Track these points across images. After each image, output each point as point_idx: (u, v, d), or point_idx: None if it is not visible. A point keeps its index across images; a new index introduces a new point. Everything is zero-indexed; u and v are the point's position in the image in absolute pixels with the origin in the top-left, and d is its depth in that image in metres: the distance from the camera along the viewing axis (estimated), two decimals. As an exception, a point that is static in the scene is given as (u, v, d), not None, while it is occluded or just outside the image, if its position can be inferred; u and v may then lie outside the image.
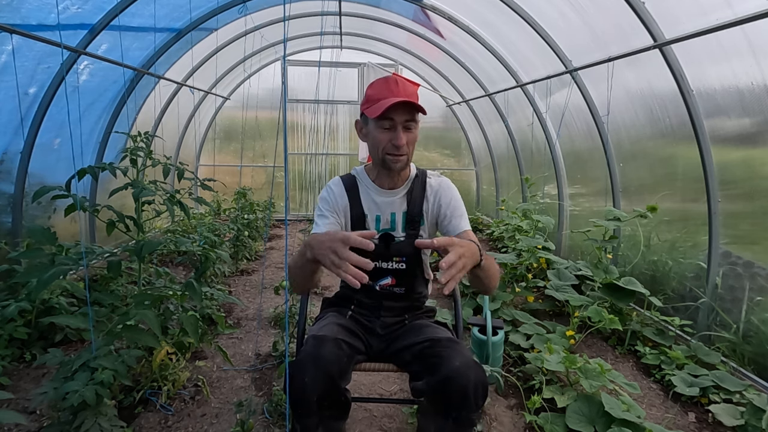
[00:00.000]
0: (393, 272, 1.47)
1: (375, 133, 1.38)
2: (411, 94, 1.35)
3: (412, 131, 1.37)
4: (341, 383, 1.30)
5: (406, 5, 4.66)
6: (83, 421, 1.61)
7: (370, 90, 1.40)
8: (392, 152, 1.36)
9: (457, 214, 1.44)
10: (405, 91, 1.34)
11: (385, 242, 1.44)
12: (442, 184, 1.51)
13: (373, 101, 1.36)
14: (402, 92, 1.33)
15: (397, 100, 1.29)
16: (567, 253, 4.22)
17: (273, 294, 3.50)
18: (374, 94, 1.37)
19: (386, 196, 1.48)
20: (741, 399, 2.11)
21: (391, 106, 1.29)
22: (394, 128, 1.34)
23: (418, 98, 1.36)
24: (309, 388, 1.18)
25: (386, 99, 1.31)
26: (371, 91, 1.39)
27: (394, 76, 1.38)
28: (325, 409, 1.26)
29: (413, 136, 1.38)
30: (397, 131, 1.34)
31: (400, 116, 1.33)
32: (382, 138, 1.36)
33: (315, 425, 1.27)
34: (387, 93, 1.33)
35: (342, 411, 1.43)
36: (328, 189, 1.50)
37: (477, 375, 1.19)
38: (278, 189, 6.70)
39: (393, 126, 1.34)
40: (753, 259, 2.49)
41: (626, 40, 2.90)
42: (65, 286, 2.59)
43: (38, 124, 2.97)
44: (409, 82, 1.60)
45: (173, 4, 3.67)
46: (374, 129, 1.38)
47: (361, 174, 1.53)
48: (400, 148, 1.35)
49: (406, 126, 1.35)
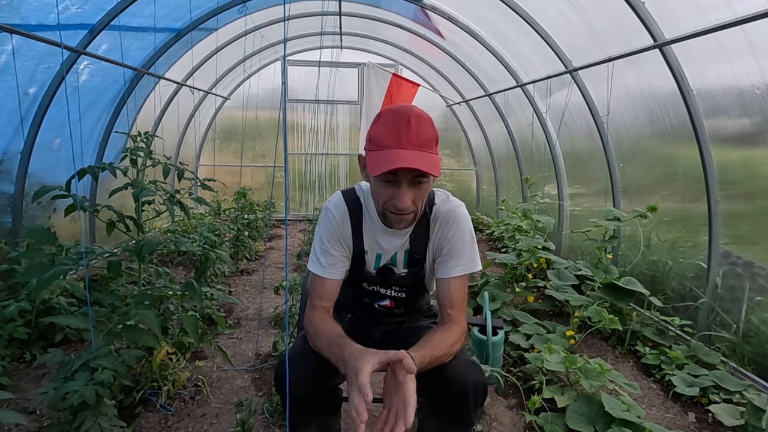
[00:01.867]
0: (392, 298, 1.43)
1: (375, 185, 1.16)
2: (425, 141, 1.08)
3: (422, 187, 1.14)
4: (331, 381, 1.29)
5: (406, 5, 4.66)
6: (83, 421, 1.61)
7: (376, 128, 1.13)
8: (393, 211, 1.16)
9: (455, 254, 1.27)
10: (418, 138, 1.08)
11: (385, 275, 1.37)
12: (449, 216, 1.29)
13: (376, 147, 1.11)
14: (414, 139, 1.07)
15: (401, 165, 1.05)
16: (567, 253, 4.22)
17: (273, 294, 3.50)
18: (379, 138, 1.11)
19: (390, 235, 1.32)
20: (741, 399, 2.11)
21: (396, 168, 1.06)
22: (397, 185, 1.12)
23: (435, 142, 1.12)
24: (297, 386, 1.17)
25: (392, 151, 1.07)
26: (377, 132, 1.12)
27: (407, 112, 1.10)
28: (315, 405, 1.26)
29: (423, 191, 1.14)
30: (401, 190, 1.11)
31: (406, 174, 1.09)
32: (383, 194, 1.15)
33: (306, 422, 1.27)
34: (394, 141, 1.08)
35: (333, 407, 1.42)
36: (329, 216, 1.31)
37: (476, 376, 1.19)
38: (278, 189, 6.70)
39: (397, 183, 1.11)
40: (753, 259, 2.49)
41: (626, 40, 2.90)
42: (65, 286, 2.59)
43: (38, 124, 2.97)
44: (409, 84, 1.48)
45: (173, 4, 3.67)
46: (375, 181, 1.15)
47: (367, 199, 1.32)
48: (403, 210, 1.14)
49: (413, 182, 1.11)
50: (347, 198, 1.34)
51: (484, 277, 3.40)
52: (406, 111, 1.11)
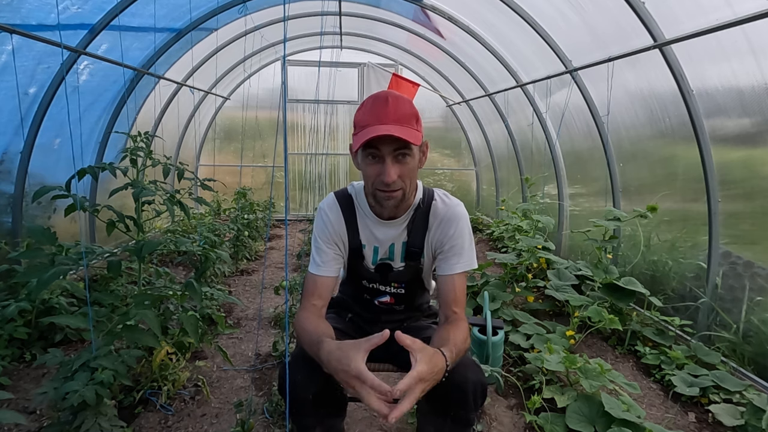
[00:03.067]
0: (392, 294, 1.45)
1: (363, 166, 1.20)
2: (403, 116, 1.13)
3: (407, 162, 1.17)
4: (337, 381, 1.29)
5: (406, 5, 4.66)
6: (83, 421, 1.61)
7: (357, 113, 1.19)
8: (381, 188, 1.18)
9: (455, 252, 1.30)
10: (396, 113, 1.12)
11: (383, 272, 1.39)
12: (449, 214, 1.32)
13: (358, 128, 1.17)
14: (392, 115, 1.12)
15: (379, 133, 1.09)
16: (567, 253, 4.22)
17: (273, 294, 3.49)
18: (360, 119, 1.17)
19: (385, 227, 1.34)
20: (741, 399, 2.11)
21: (375, 137, 1.10)
22: (381, 161, 1.15)
23: (414, 119, 1.16)
24: (303, 387, 1.17)
25: (371, 127, 1.12)
26: (358, 115, 1.18)
27: (385, 93, 1.17)
28: (321, 407, 1.26)
29: (408, 167, 1.17)
30: (386, 165, 1.14)
31: (387, 146, 1.13)
32: (370, 172, 1.18)
33: (312, 425, 1.27)
34: (372, 118, 1.13)
35: (339, 409, 1.42)
36: (323, 215, 1.34)
37: (475, 375, 1.19)
38: (278, 189, 6.70)
39: (381, 158, 1.15)
40: (753, 259, 2.49)
41: (626, 40, 2.90)
42: (65, 286, 2.59)
43: (38, 124, 2.97)
44: (409, 84, 1.49)
45: (173, 4, 3.67)
46: (362, 161, 1.19)
47: (359, 195, 1.36)
48: (390, 185, 1.16)
49: (396, 157, 1.15)
50: (339, 196, 1.37)
51: (484, 277, 3.40)
52: (384, 93, 1.18)
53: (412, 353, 0.98)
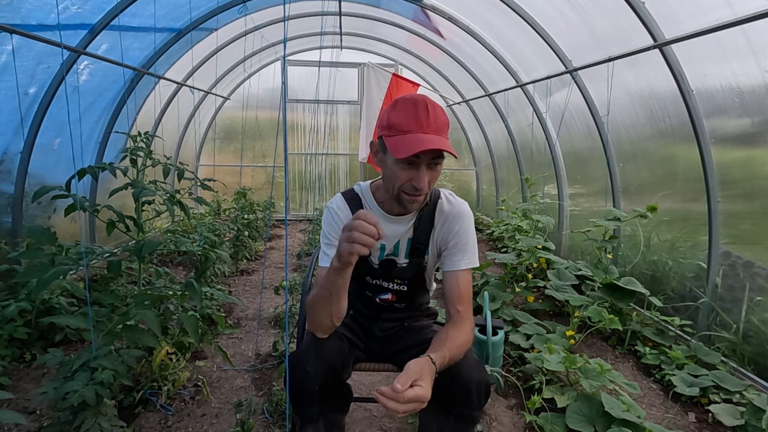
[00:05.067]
0: (394, 291, 1.45)
1: (394, 168, 1.19)
2: (442, 127, 1.16)
3: (437, 169, 1.20)
4: (343, 374, 1.30)
5: (406, 5, 4.66)
6: (83, 421, 1.61)
7: (394, 115, 1.17)
8: (410, 192, 1.20)
9: (460, 248, 1.32)
10: (436, 123, 1.14)
11: (387, 268, 1.40)
12: (454, 212, 1.35)
13: (397, 132, 1.16)
14: (432, 125, 1.14)
15: (427, 147, 1.10)
16: (567, 253, 4.21)
17: (273, 294, 3.49)
18: (400, 123, 1.16)
19: (393, 223, 1.36)
20: (741, 399, 2.11)
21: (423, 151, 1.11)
22: (417, 167, 1.16)
23: (448, 127, 1.19)
24: (311, 377, 1.18)
25: (414, 135, 1.13)
26: (396, 118, 1.16)
27: (423, 100, 1.17)
28: (326, 400, 1.27)
29: (437, 173, 1.21)
30: (420, 171, 1.16)
31: (426, 155, 1.15)
32: (402, 176, 1.18)
33: (317, 416, 1.27)
34: (415, 126, 1.14)
35: (343, 403, 1.43)
36: (331, 212, 1.36)
37: (479, 374, 1.19)
38: (278, 189, 6.70)
39: (417, 164, 1.16)
40: (753, 259, 2.49)
41: (626, 40, 2.90)
42: (65, 286, 2.59)
43: (38, 124, 2.97)
44: (409, 84, 1.50)
45: (173, 4, 3.67)
46: (393, 163, 1.19)
47: (365, 193, 1.38)
48: (421, 190, 1.18)
49: (430, 164, 1.18)
50: (346, 195, 1.40)
51: (484, 277, 3.41)
52: (422, 99, 1.18)
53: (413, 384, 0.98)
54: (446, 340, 1.16)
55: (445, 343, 1.14)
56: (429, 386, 0.99)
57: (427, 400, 0.97)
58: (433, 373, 1.04)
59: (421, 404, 0.96)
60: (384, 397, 0.93)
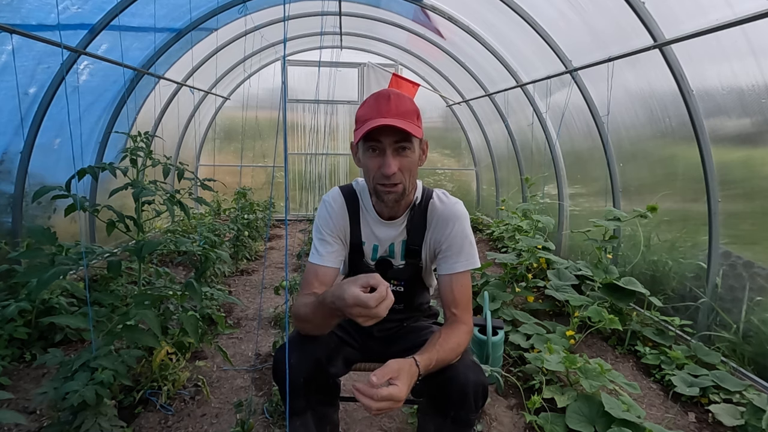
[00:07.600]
0: (391, 292, 1.46)
1: (364, 159, 1.20)
2: (405, 112, 1.15)
3: (407, 155, 1.18)
4: (329, 367, 1.29)
5: (406, 5, 4.66)
6: (83, 421, 1.61)
7: (360, 110, 1.22)
8: (383, 182, 1.18)
9: (454, 251, 1.29)
10: (397, 109, 1.15)
11: (382, 269, 1.38)
12: (446, 212, 1.31)
13: (360, 122, 1.19)
14: (393, 110, 1.14)
15: (381, 123, 1.11)
16: (567, 253, 4.21)
17: (273, 294, 3.49)
18: (362, 114, 1.19)
19: (386, 227, 1.35)
20: (741, 399, 2.11)
21: (376, 128, 1.11)
22: (382, 153, 1.16)
23: (416, 116, 1.18)
24: (295, 369, 1.17)
25: (373, 120, 1.13)
26: (360, 111, 1.21)
27: (387, 91, 1.19)
28: (312, 392, 1.26)
29: (408, 160, 1.18)
30: (386, 157, 1.15)
31: (388, 138, 1.14)
32: (371, 165, 1.18)
33: (303, 408, 1.27)
34: (374, 113, 1.15)
35: (331, 396, 1.43)
36: (327, 206, 1.35)
37: (476, 376, 1.19)
38: (278, 189, 6.70)
39: (382, 150, 1.16)
40: (753, 259, 2.49)
41: (626, 40, 2.90)
42: (65, 286, 2.59)
43: (38, 124, 2.97)
44: (409, 84, 1.50)
45: (173, 4, 3.67)
46: (363, 154, 1.20)
47: (363, 191, 1.37)
48: (391, 177, 1.16)
49: (397, 149, 1.16)
50: (344, 191, 1.38)
51: (484, 277, 3.41)
52: (386, 90, 1.20)
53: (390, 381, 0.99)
54: (437, 342, 1.16)
55: (435, 346, 1.14)
56: (405, 386, 0.99)
57: (402, 400, 0.97)
58: (414, 374, 1.04)
59: (396, 403, 0.96)
60: (359, 393, 0.94)
